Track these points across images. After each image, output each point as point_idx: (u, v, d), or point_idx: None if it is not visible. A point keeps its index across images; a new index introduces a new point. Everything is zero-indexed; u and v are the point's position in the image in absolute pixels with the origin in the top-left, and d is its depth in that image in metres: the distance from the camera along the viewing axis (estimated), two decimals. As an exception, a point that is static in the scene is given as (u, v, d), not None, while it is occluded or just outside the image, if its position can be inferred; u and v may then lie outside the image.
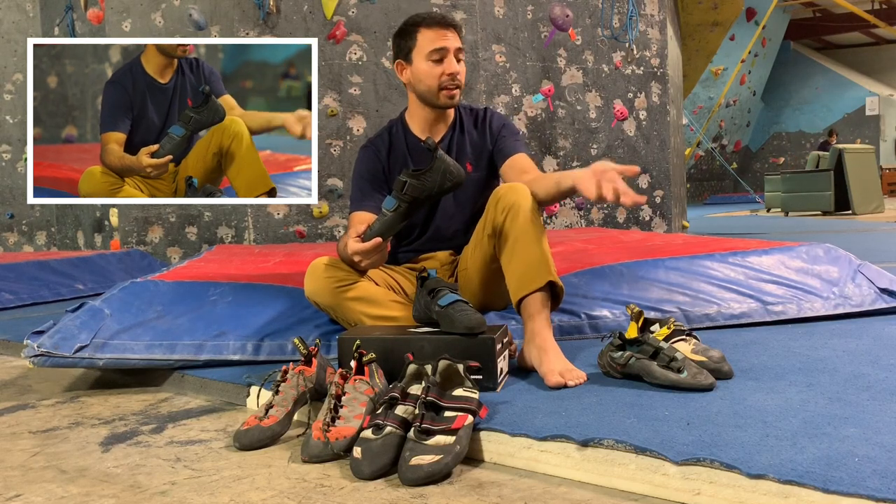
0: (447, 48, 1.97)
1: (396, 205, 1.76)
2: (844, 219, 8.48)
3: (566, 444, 1.28)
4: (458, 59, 2.00)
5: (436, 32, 1.98)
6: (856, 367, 1.67)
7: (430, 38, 1.98)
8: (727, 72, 16.29)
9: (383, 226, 1.79)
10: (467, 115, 2.13)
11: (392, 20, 4.69)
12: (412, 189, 1.74)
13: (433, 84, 1.99)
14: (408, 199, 1.75)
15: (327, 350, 1.99)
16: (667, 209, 5.50)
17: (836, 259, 2.47)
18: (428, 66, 1.98)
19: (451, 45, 1.97)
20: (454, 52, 1.98)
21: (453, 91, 2.00)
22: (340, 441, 1.38)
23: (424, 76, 2.00)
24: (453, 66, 1.97)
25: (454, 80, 1.98)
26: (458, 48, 1.99)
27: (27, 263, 3.95)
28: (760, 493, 1.07)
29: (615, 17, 5.29)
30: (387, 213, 1.78)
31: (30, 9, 5.95)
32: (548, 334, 1.73)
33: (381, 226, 1.80)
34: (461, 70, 2.00)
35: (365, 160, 2.10)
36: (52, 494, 1.29)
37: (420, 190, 1.74)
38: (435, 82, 1.99)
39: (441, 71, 1.97)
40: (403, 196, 1.75)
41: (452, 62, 1.97)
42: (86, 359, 1.97)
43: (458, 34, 2.01)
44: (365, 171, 2.09)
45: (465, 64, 2.04)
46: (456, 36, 2.00)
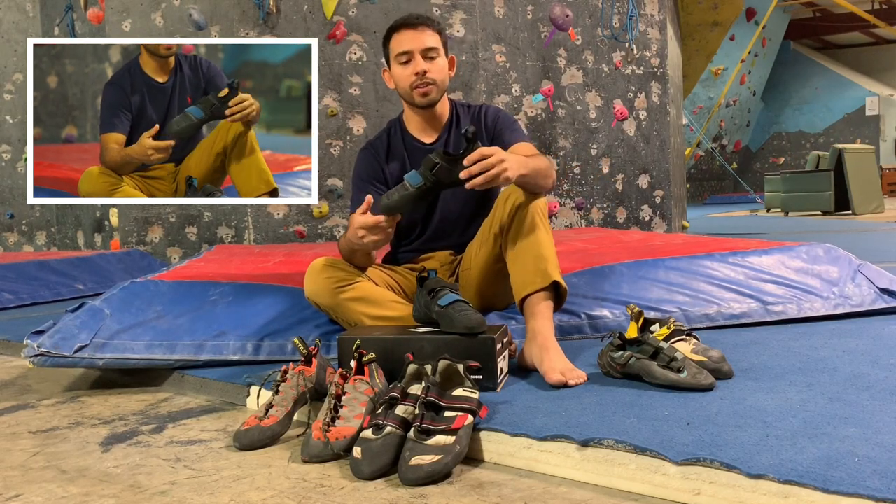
0: (411, 50, 1.99)
1: (422, 182, 1.72)
2: (844, 219, 8.48)
3: (566, 444, 1.28)
4: (430, 58, 2.00)
5: (402, 35, 2.01)
6: (856, 367, 1.67)
7: (397, 42, 2.02)
8: (727, 72, 16.29)
9: (401, 199, 1.74)
10: (464, 114, 2.14)
11: (392, 20, 4.67)
12: (442, 171, 1.71)
13: (405, 85, 2.02)
14: (433, 179, 1.72)
15: (327, 350, 1.99)
16: (667, 209, 5.50)
17: (836, 259, 2.47)
18: (399, 69, 2.02)
19: (415, 46, 1.99)
20: (421, 52, 1.99)
21: (425, 89, 2.00)
22: (340, 441, 1.38)
23: (397, 79, 2.04)
24: (419, 66, 1.99)
25: (422, 78, 1.99)
26: (428, 48, 1.99)
27: (27, 263, 3.95)
28: (760, 493, 1.07)
29: (615, 17, 5.29)
30: (409, 188, 1.73)
31: (30, 9, 5.95)
32: (549, 334, 1.74)
33: (398, 199, 1.74)
34: (431, 68, 2.00)
35: (364, 162, 2.11)
36: (52, 494, 1.29)
37: (449, 174, 1.71)
38: (406, 83, 2.01)
39: (410, 71, 1.99)
40: (431, 176, 1.71)
41: (419, 62, 1.99)
42: (86, 359, 1.97)
43: (432, 30, 2.02)
44: (364, 172, 2.10)
45: (443, 60, 2.03)
46: (426, 34, 2.00)
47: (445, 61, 2.04)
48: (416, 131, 2.11)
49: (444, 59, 2.04)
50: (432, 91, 2.01)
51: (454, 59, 2.11)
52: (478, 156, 1.64)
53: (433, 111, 2.08)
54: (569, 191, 5.18)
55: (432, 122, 2.10)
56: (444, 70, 2.03)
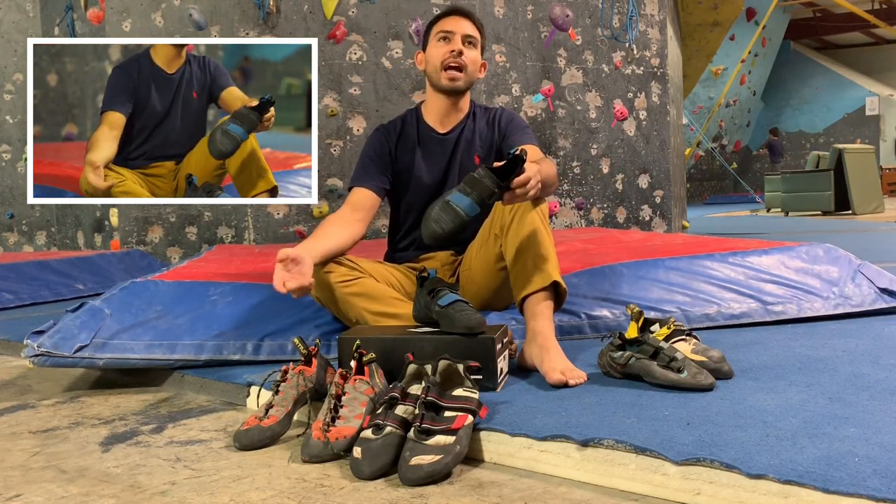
0: (453, 31, 2.03)
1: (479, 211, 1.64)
2: (844, 219, 8.48)
3: (566, 444, 1.28)
4: (469, 44, 2.05)
5: (449, 19, 2.07)
6: (856, 367, 1.67)
7: (442, 23, 2.07)
8: (727, 72, 16.29)
9: (455, 227, 1.65)
10: (481, 112, 2.18)
11: (392, 20, 4.69)
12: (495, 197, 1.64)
13: (437, 62, 2.05)
14: (489, 203, 1.66)
15: (327, 350, 1.99)
16: (667, 209, 5.50)
17: (836, 259, 2.47)
18: (436, 47, 2.06)
19: (458, 28, 2.04)
20: (462, 35, 2.04)
21: (454, 72, 2.03)
22: (340, 441, 1.38)
23: (431, 56, 2.07)
24: (457, 44, 2.03)
25: (456, 58, 2.02)
26: (468, 35, 2.04)
27: (27, 263, 3.95)
28: (760, 493, 1.07)
29: (615, 17, 5.29)
30: (462, 215, 1.64)
31: (30, 9, 5.95)
32: (550, 334, 1.74)
33: (453, 227, 1.64)
34: (468, 53, 2.04)
35: (374, 141, 2.14)
36: (52, 494, 1.29)
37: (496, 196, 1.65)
38: (438, 60, 2.04)
39: (447, 49, 2.03)
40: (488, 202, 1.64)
41: (457, 40, 2.03)
42: (86, 359, 1.97)
43: (473, 24, 2.07)
44: (372, 150, 2.12)
45: (478, 54, 2.08)
46: (469, 24, 2.06)
47: (479, 56, 2.09)
48: (432, 120, 2.13)
49: (479, 53, 2.08)
50: (460, 77, 2.04)
51: (486, 64, 2.15)
52: (525, 179, 1.64)
53: (455, 101, 2.10)
54: (569, 191, 5.18)
55: (451, 113, 2.12)
56: (476, 62, 2.08)
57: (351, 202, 2.04)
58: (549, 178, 1.84)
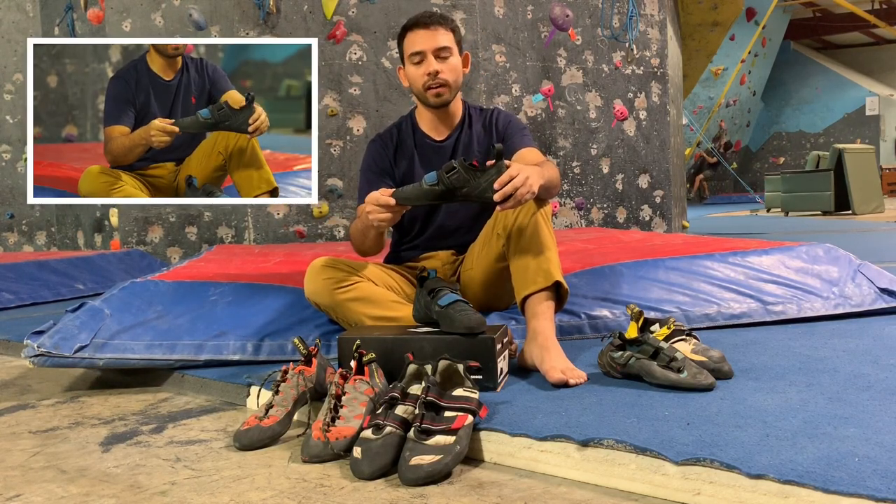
0: (424, 51, 1.99)
1: (436, 182, 1.73)
2: (844, 219, 8.48)
3: (566, 444, 1.28)
4: (443, 58, 1.99)
5: (415, 35, 2.00)
6: (856, 367, 1.67)
7: (410, 42, 2.02)
8: (727, 72, 16.29)
9: (413, 191, 1.76)
10: (476, 115, 2.15)
11: (392, 20, 4.69)
12: (457, 178, 1.71)
13: (418, 85, 2.02)
14: (447, 183, 1.72)
15: (327, 350, 1.99)
16: (667, 209, 5.50)
17: (836, 259, 2.47)
18: (412, 69, 2.02)
19: (427, 46, 1.98)
20: (433, 51, 1.99)
21: (438, 90, 2.01)
22: (340, 441, 1.38)
23: (411, 78, 2.04)
24: (431, 66, 1.99)
25: (435, 78, 1.99)
26: (440, 47, 1.99)
27: (27, 263, 3.95)
28: (760, 493, 1.07)
29: (615, 17, 5.29)
30: (423, 185, 1.75)
31: (30, 9, 5.95)
32: (550, 334, 1.74)
33: (410, 189, 1.77)
34: (443, 68, 1.99)
35: (372, 153, 2.12)
36: (52, 494, 1.29)
37: (463, 183, 1.71)
38: (419, 83, 2.01)
39: (423, 71, 2.00)
40: (446, 179, 1.72)
41: (431, 62, 1.99)
42: (86, 359, 1.97)
43: (445, 29, 2.01)
44: (372, 162, 2.11)
45: (456, 59, 2.02)
46: (438, 34, 1.99)
47: (459, 60, 2.04)
48: (427, 128, 2.12)
49: (457, 58, 2.03)
50: (445, 92, 2.01)
51: (468, 56, 2.10)
52: (507, 178, 1.64)
53: (446, 110, 2.08)
54: (569, 191, 5.18)
55: (445, 121, 2.11)
56: (457, 69, 2.03)
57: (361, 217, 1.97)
58: (551, 181, 1.83)
